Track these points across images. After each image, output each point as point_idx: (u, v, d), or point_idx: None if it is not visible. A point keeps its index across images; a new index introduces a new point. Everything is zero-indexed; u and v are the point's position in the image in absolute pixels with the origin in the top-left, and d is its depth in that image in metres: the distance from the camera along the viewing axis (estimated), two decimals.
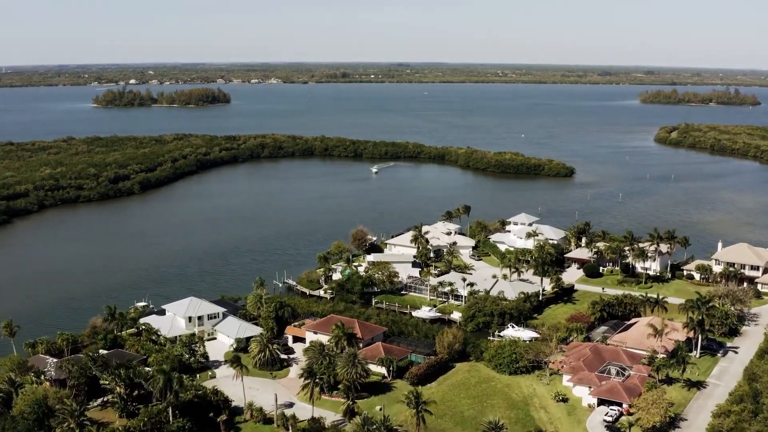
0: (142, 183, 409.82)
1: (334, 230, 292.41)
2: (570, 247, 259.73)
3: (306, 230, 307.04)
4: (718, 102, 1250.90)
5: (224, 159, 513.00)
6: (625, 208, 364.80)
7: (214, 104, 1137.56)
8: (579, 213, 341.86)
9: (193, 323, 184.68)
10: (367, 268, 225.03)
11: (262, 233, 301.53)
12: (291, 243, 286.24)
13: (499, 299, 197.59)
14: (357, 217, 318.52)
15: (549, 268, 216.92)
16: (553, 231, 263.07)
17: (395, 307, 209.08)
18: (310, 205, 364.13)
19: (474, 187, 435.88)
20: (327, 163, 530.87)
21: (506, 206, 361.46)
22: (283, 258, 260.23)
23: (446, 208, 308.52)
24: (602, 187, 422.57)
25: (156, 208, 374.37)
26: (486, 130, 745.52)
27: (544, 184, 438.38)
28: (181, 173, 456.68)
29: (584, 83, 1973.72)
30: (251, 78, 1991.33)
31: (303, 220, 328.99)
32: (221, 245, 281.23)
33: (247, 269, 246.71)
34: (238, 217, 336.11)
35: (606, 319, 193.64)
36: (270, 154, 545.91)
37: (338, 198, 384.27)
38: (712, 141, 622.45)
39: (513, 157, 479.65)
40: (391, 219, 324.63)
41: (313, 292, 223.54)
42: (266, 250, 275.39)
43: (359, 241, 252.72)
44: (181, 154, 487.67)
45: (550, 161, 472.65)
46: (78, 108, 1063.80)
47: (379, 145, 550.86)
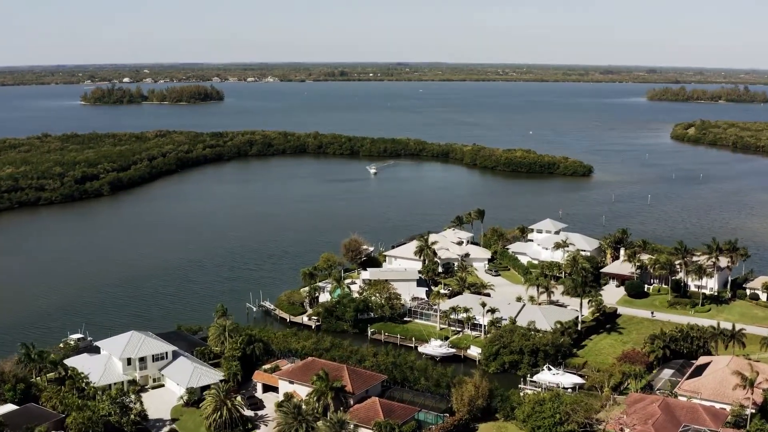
0: (112, 183, 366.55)
1: (323, 239, 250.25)
2: (605, 260, 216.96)
3: (290, 239, 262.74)
4: (727, 99, 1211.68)
5: (208, 157, 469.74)
6: (654, 212, 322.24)
7: (207, 101, 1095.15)
8: (604, 217, 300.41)
9: (133, 366, 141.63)
10: (361, 288, 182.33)
11: (237, 243, 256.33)
12: (271, 255, 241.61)
13: (529, 331, 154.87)
14: (351, 223, 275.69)
15: (588, 288, 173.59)
16: (585, 240, 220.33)
17: (396, 340, 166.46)
18: (298, 210, 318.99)
19: (483, 187, 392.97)
20: (320, 161, 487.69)
21: (521, 210, 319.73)
22: (259, 274, 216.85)
23: (455, 212, 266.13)
24: (624, 187, 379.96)
25: (123, 212, 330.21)
26: (487, 126, 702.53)
27: (560, 184, 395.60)
28: (159, 173, 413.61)
29: (587, 81, 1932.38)
30: (248, 77, 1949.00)
31: (287, 227, 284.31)
32: (187, 258, 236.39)
33: (216, 289, 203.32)
34: (212, 224, 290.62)
35: (668, 358, 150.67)
36: (258, 151, 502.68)
37: (330, 201, 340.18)
38: (734, 138, 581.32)
39: (524, 155, 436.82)
40: (391, 226, 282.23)
41: (294, 318, 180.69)
42: (241, 264, 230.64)
43: (353, 253, 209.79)
44: (161, 151, 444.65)
45: (566, 159, 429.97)
46: (64, 105, 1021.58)
47: (378, 142, 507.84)
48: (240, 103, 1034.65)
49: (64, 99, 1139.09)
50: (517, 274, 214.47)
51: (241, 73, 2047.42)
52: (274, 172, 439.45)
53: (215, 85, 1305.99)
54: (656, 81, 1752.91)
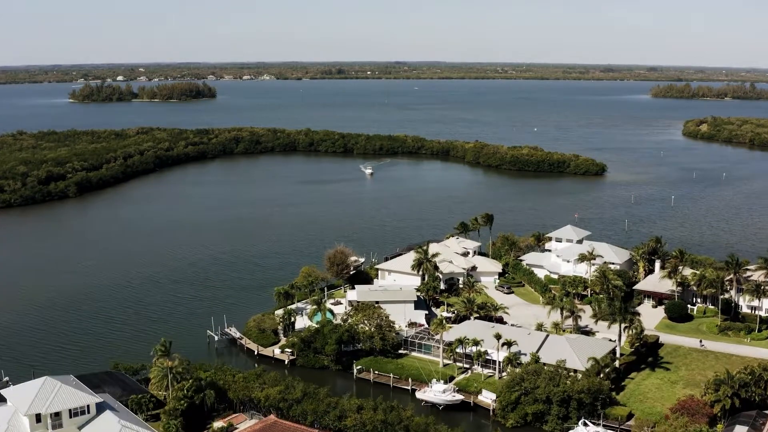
0: (79, 184, 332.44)
1: (306, 250, 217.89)
2: (638, 275, 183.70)
3: (267, 250, 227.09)
4: (733, 96, 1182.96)
5: (190, 155, 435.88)
6: (678, 215, 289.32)
7: (199, 99, 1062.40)
8: (626, 222, 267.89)
9: (44, 424, 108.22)
10: (347, 314, 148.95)
11: (204, 255, 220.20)
12: (242, 269, 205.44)
13: (558, 371, 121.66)
14: (341, 230, 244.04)
15: (629, 314, 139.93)
16: (613, 251, 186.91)
17: (389, 380, 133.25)
18: (280, 214, 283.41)
19: (488, 188, 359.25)
20: (311, 160, 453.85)
21: (531, 213, 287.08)
22: (226, 294, 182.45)
23: (459, 217, 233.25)
24: (642, 187, 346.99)
25: (85, 217, 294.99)
26: (487, 123, 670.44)
27: (571, 184, 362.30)
28: (134, 172, 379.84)
29: (587, 79, 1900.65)
30: (243, 75, 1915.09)
31: (266, 235, 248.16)
32: (141, 273, 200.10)
33: (171, 313, 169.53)
34: (179, 231, 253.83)
35: (737, 409, 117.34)
36: (245, 149, 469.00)
37: (319, 204, 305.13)
38: (751, 135, 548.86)
39: (531, 153, 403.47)
40: (385, 233, 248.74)
41: (265, 350, 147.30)
42: (205, 280, 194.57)
43: (338, 266, 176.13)
44: (138, 149, 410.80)
45: (576, 157, 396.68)
46: (52, 103, 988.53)
47: (373, 139, 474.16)
48: (233, 101, 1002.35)
49: (54, 97, 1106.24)
50: (533, 291, 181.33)
51: (237, 72, 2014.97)
52: (260, 171, 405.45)
53: (208, 82, 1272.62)
54: (657, 79, 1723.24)
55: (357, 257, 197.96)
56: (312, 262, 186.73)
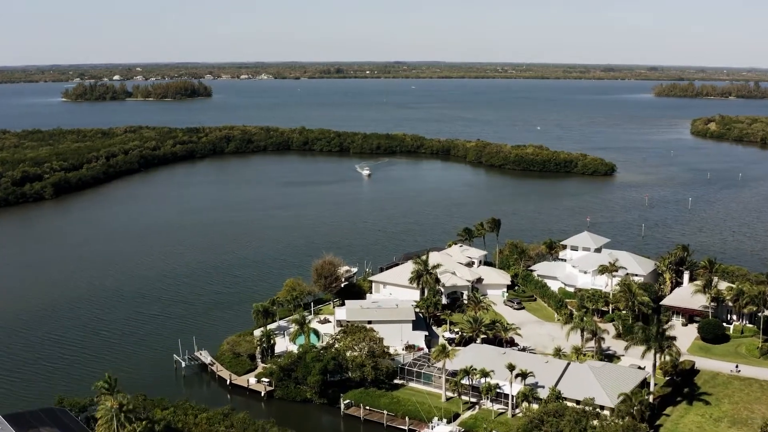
0: (57, 185, 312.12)
1: (293, 259, 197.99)
2: (664, 288, 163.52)
3: (248, 260, 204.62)
4: (737, 95, 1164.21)
5: (178, 155, 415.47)
6: (696, 219, 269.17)
7: (194, 98, 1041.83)
8: (643, 227, 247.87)
9: None
10: (333, 337, 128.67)
11: (176, 265, 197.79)
12: (219, 281, 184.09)
13: (584, 409, 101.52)
14: (333, 237, 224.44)
15: (666, 341, 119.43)
16: (635, 260, 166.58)
17: (383, 418, 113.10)
18: (267, 219, 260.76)
19: (492, 189, 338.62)
20: (306, 159, 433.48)
21: (538, 217, 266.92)
22: (197, 310, 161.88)
23: (461, 221, 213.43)
24: (654, 189, 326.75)
25: (58, 221, 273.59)
26: (487, 122, 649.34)
27: (579, 185, 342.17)
28: (117, 172, 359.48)
29: (588, 79, 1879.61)
30: (241, 74, 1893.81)
31: (249, 242, 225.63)
32: (103, 287, 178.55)
33: (133, 334, 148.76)
34: (153, 238, 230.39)
35: None
36: (236, 148, 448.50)
37: (310, 208, 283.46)
38: (763, 134, 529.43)
39: (537, 152, 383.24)
40: (381, 239, 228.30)
41: (238, 379, 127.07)
42: (175, 295, 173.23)
43: (326, 279, 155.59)
44: (123, 148, 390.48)
45: (584, 156, 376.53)
46: (44, 102, 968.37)
47: (370, 138, 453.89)
48: (229, 100, 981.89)
49: (47, 96, 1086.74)
50: (546, 306, 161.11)
51: (235, 71, 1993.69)
52: (250, 171, 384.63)
53: (204, 81, 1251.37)
54: (659, 78, 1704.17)
55: (349, 267, 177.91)
56: (298, 273, 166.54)
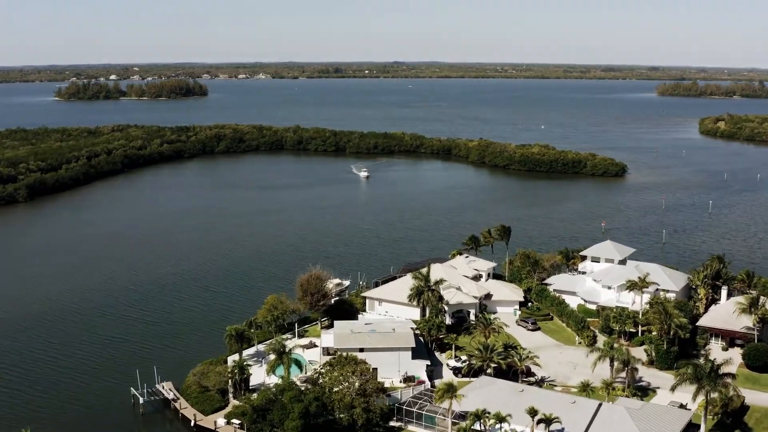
0: (32, 187, 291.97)
1: (278, 272, 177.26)
2: (699, 305, 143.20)
3: (227, 271, 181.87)
4: (742, 95, 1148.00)
5: (164, 154, 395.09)
6: (718, 224, 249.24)
7: (189, 97, 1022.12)
8: (665, 233, 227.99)
9: None
10: (317, 372, 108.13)
11: (143, 279, 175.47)
12: (189, 297, 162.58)
13: None
14: (323, 246, 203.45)
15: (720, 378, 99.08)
16: (666, 274, 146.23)
17: None
18: (251, 226, 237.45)
19: (497, 191, 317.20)
20: (300, 159, 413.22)
21: (546, 222, 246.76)
22: (163, 333, 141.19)
23: (464, 226, 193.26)
24: (669, 190, 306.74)
25: (26, 226, 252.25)
26: (488, 121, 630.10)
27: (589, 187, 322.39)
28: (99, 173, 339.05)
29: (589, 78, 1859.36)
30: (239, 74, 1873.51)
31: (229, 252, 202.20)
32: (58, 305, 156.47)
33: (83, 362, 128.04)
34: (121, 248, 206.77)
35: None
36: (227, 148, 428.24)
37: (302, 212, 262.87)
38: None
39: (543, 151, 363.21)
40: (377, 248, 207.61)
41: (204, 419, 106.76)
42: (136, 315, 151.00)
43: (313, 296, 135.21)
44: (106, 148, 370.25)
45: (593, 156, 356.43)
46: (36, 101, 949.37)
47: (367, 137, 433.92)
48: (225, 99, 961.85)
49: (41, 95, 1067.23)
50: (565, 326, 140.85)
51: (232, 71, 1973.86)
52: (240, 172, 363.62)
53: (200, 80, 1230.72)
54: (660, 78, 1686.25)
55: (340, 280, 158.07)
56: (282, 288, 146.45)
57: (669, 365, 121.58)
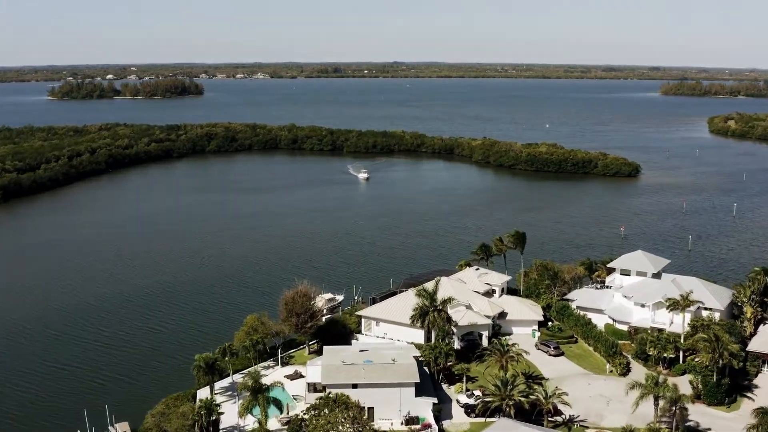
0: (6, 188, 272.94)
1: (261, 286, 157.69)
2: (747, 327, 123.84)
3: (202, 285, 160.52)
4: (746, 94, 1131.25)
5: (152, 154, 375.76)
6: (744, 229, 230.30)
7: (184, 96, 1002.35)
8: (690, 240, 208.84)
9: None
10: (299, 418, 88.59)
11: (109, 292, 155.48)
12: (156, 317, 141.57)
13: None
14: (313, 255, 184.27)
15: None
16: (708, 289, 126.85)
17: None
18: (235, 233, 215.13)
19: (502, 193, 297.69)
20: (295, 159, 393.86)
21: (557, 227, 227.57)
22: (119, 361, 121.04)
23: (473, 234, 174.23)
24: (687, 192, 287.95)
25: None
26: (489, 120, 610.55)
27: (601, 188, 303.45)
28: (80, 174, 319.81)
29: (590, 78, 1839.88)
30: (237, 74, 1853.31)
31: (206, 262, 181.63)
32: (4, 328, 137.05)
33: (24, 396, 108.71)
34: (88, 258, 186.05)
35: None
36: (219, 147, 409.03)
37: (292, 217, 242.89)
38: None
39: (551, 150, 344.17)
40: (375, 259, 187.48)
41: None
42: (97, 336, 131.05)
43: (299, 317, 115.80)
44: (90, 147, 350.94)
45: (605, 156, 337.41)
46: (28, 100, 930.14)
47: (365, 136, 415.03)
48: (221, 98, 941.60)
49: (35, 95, 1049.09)
50: (592, 351, 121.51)
51: (231, 71, 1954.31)
52: (230, 173, 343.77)
53: (197, 80, 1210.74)
54: (662, 78, 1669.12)
55: (333, 295, 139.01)
56: (265, 305, 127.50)
57: (720, 400, 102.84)
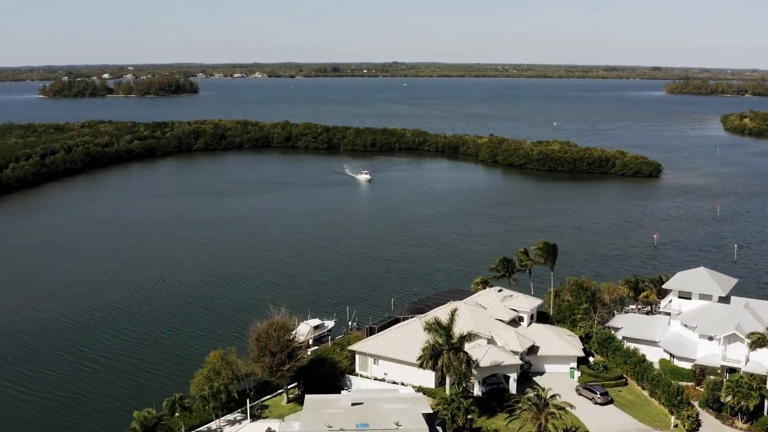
0: None
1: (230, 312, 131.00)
2: None
3: (159, 313, 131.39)
4: (753, 93, 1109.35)
5: (134, 152, 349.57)
6: None
7: (178, 94, 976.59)
8: (736, 249, 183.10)
9: None
10: None
11: (38, 320, 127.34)
12: (91, 360, 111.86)
13: None
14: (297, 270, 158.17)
15: None
16: None
17: None
18: (203, 244, 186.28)
19: (513, 194, 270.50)
20: (288, 158, 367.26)
21: (576, 234, 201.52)
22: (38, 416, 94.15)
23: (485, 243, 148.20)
24: (713, 194, 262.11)
25: None
26: (491, 118, 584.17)
27: (622, 189, 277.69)
28: (52, 173, 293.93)
29: (592, 78, 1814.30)
30: (235, 73, 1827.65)
31: (165, 279, 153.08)
32: None
33: None
34: (36, 277, 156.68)
35: None
36: (207, 145, 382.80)
37: (273, 224, 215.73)
38: None
39: (564, 149, 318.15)
40: (373, 275, 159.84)
41: None
42: (12, 378, 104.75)
43: (274, 356, 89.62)
44: (65, 145, 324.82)
45: (623, 154, 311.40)
46: (19, 99, 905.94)
47: (364, 134, 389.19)
48: (216, 97, 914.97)
49: (27, 93, 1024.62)
50: (648, 396, 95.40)
51: (228, 70, 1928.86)
52: (215, 172, 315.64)
53: (193, 79, 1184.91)
54: (664, 77, 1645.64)
55: (321, 320, 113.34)
56: (234, 338, 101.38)
57: None
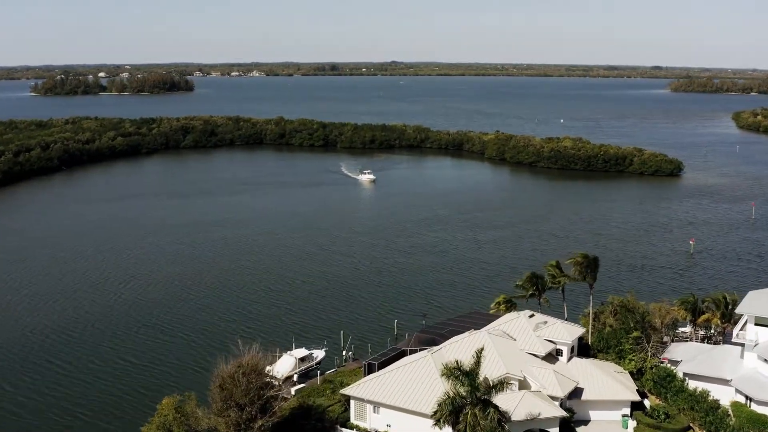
0: None
1: (197, 344, 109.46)
2: None
3: (101, 342, 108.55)
4: (759, 91, 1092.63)
5: (117, 149, 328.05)
6: None
7: (173, 92, 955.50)
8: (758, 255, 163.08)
9: None
10: None
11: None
12: (10, 414, 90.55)
13: None
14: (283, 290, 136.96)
15: None
16: None
17: None
18: (176, 252, 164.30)
19: (523, 195, 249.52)
20: (282, 156, 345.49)
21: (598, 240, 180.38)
22: None
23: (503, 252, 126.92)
24: (743, 195, 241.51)
25: None
26: (488, 115, 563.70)
27: (641, 189, 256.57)
28: (26, 172, 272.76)
29: (593, 77, 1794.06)
30: (232, 72, 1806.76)
31: (119, 299, 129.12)
32: None
33: None
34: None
35: None
36: (195, 141, 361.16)
37: (256, 230, 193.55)
38: None
39: (578, 146, 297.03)
40: (372, 294, 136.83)
41: None
42: None
43: (242, 409, 68.41)
44: (42, 141, 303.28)
45: (641, 152, 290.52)
46: (10, 96, 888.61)
47: (362, 130, 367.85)
48: (212, 94, 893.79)
49: (19, 91, 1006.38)
50: None
51: (226, 69, 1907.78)
52: (202, 171, 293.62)
53: (189, 77, 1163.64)
54: (665, 76, 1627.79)
55: (309, 350, 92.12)
56: (195, 379, 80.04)
57: None
